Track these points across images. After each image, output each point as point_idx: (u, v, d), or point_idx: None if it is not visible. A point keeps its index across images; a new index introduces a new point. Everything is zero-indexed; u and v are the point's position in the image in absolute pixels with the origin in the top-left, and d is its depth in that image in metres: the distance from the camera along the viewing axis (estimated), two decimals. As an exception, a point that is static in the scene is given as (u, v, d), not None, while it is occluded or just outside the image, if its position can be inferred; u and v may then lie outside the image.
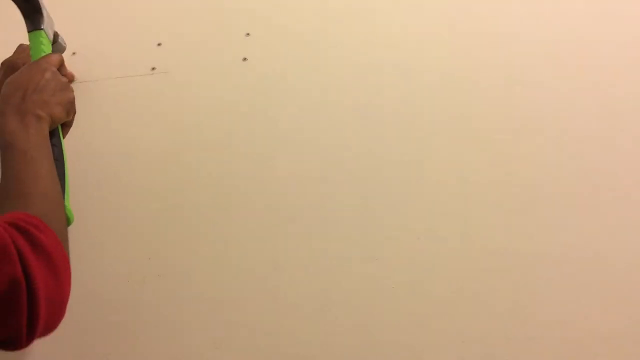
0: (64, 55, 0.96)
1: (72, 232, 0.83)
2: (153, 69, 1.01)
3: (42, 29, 0.84)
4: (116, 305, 0.77)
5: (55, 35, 0.92)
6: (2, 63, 0.86)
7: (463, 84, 0.91)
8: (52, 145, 0.74)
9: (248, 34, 1.03)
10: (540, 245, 0.75)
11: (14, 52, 0.89)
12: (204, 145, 0.91)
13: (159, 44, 1.05)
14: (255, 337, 0.72)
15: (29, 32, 0.85)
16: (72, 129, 0.83)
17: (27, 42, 0.88)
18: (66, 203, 0.71)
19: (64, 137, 0.80)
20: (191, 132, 0.92)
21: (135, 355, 0.73)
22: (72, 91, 0.79)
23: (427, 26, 0.99)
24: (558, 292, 0.71)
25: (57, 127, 0.77)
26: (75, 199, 0.86)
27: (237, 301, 0.75)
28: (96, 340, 0.75)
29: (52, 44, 0.89)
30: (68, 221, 0.71)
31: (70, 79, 0.85)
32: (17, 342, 0.52)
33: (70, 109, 0.78)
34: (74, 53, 1.05)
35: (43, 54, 0.82)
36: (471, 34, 0.96)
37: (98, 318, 0.77)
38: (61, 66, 0.83)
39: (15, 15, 0.84)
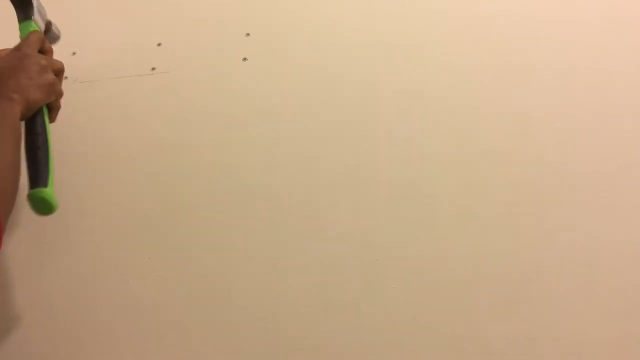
0: (59, 44, 0.93)
1: (73, 232, 0.83)
2: (153, 69, 1.01)
3: (31, 19, 0.83)
4: (116, 305, 0.77)
5: (48, 24, 0.91)
6: None
7: (463, 84, 0.91)
8: (34, 131, 0.74)
9: (248, 34, 1.04)
10: (540, 246, 0.75)
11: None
12: (203, 145, 0.91)
13: (159, 44, 1.05)
14: (255, 337, 0.72)
15: (19, 22, 0.84)
16: (71, 129, 0.83)
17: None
18: (49, 189, 0.70)
19: (52, 121, 0.79)
20: (191, 132, 0.92)
21: (136, 355, 0.73)
22: (53, 73, 0.79)
23: (428, 26, 0.99)
24: (559, 292, 0.71)
25: (42, 112, 0.77)
26: (75, 198, 0.86)
27: (237, 301, 0.75)
28: (96, 340, 0.75)
29: (45, 34, 0.88)
30: (52, 208, 0.70)
31: (49, 50, 0.85)
32: None
33: (50, 90, 0.78)
34: (74, 53, 1.05)
35: None
36: (472, 34, 0.97)
37: (98, 318, 0.77)
38: (42, 45, 0.82)
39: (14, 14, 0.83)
